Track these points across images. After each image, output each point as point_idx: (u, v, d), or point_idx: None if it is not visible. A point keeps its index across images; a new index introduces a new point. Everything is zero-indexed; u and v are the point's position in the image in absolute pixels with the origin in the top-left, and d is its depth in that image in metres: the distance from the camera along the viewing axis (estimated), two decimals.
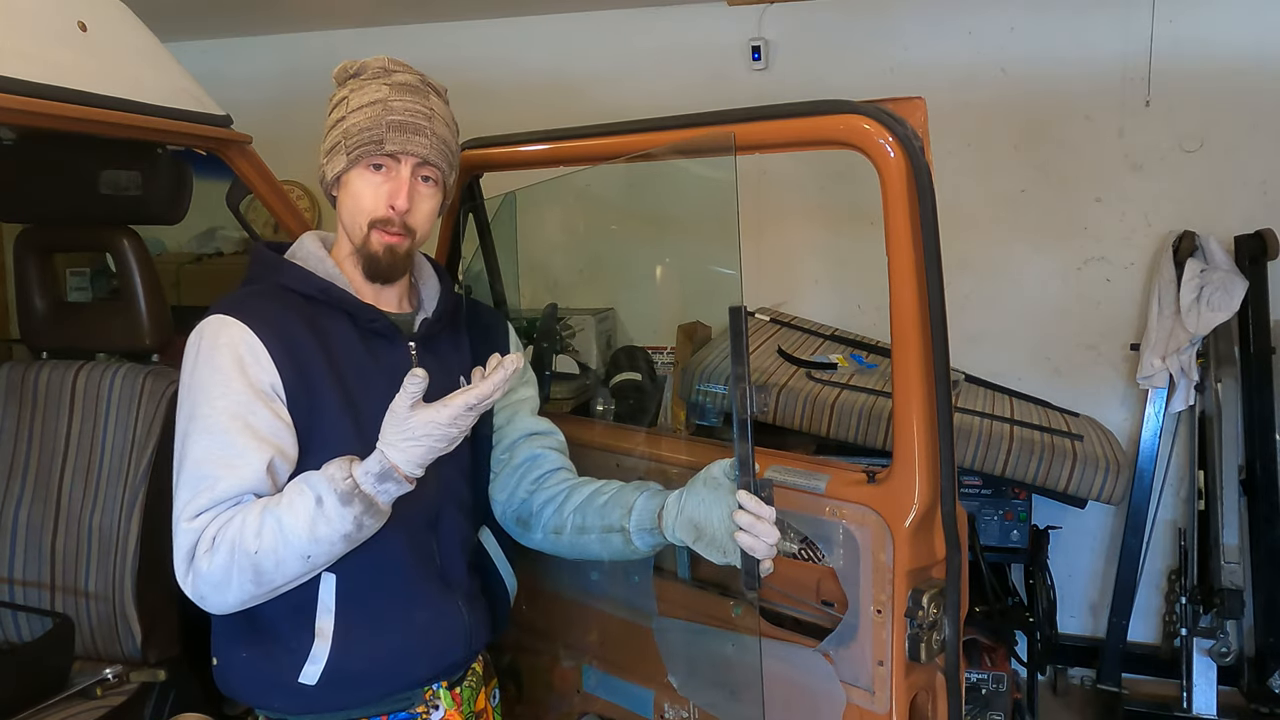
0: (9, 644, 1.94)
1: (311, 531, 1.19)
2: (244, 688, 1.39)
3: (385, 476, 1.21)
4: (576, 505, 1.48)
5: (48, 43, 1.60)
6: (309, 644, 1.32)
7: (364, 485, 1.20)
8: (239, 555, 1.19)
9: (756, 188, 3.55)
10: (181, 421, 1.28)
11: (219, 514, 1.22)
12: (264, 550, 1.19)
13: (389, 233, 1.35)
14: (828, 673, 1.50)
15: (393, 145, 1.33)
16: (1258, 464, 2.91)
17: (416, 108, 1.36)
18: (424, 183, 1.38)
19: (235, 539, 1.20)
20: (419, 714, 1.41)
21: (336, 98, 1.40)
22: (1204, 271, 2.97)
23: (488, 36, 3.79)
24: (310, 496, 1.20)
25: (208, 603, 1.24)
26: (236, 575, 1.20)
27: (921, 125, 1.36)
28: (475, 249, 2.07)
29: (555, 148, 1.77)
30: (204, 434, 1.25)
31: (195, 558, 1.21)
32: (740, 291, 1.29)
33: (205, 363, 1.28)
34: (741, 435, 1.27)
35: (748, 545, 1.27)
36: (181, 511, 1.23)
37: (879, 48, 3.41)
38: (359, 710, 1.37)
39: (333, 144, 1.37)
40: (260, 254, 1.44)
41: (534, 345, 2.35)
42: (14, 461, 1.99)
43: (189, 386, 1.29)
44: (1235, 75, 3.10)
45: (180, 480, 1.25)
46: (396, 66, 1.40)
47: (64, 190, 2.00)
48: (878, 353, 3.18)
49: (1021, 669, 2.92)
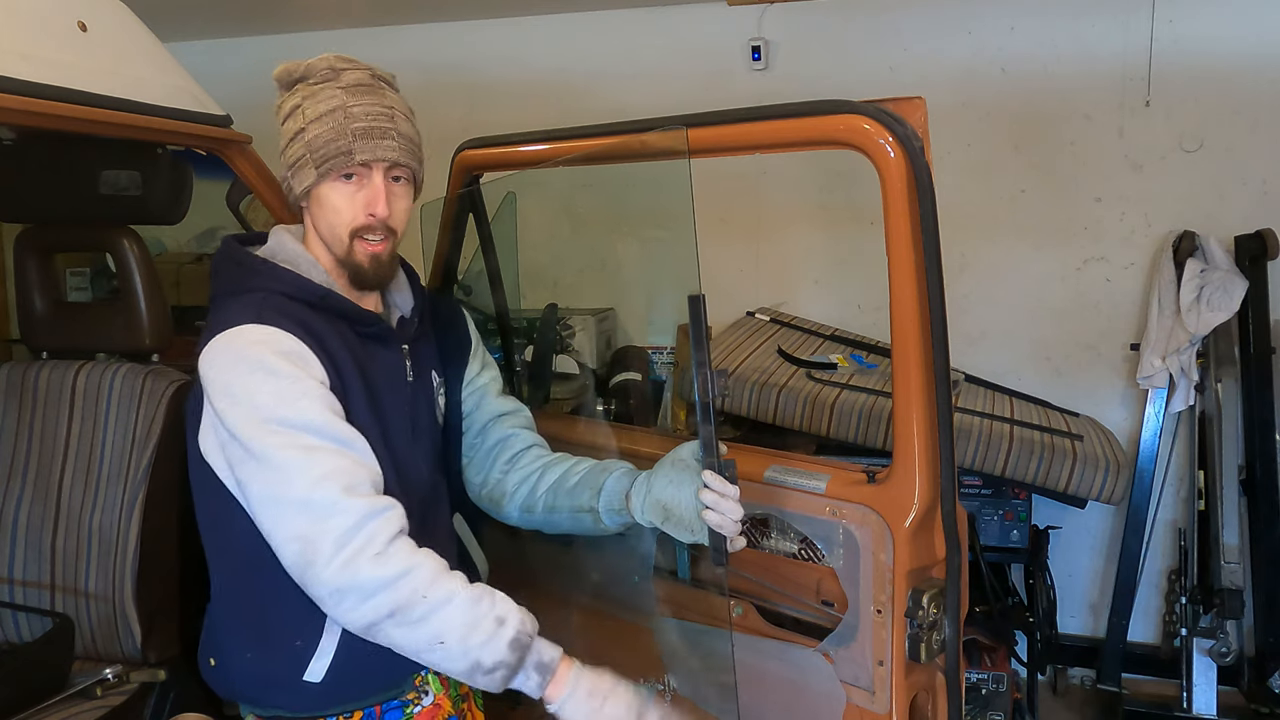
0: (9, 644, 1.94)
1: (469, 630, 1.18)
2: (246, 687, 1.39)
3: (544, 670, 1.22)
4: (549, 485, 1.53)
5: (48, 43, 1.60)
6: (317, 641, 1.32)
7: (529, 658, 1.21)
8: (405, 585, 1.16)
9: (756, 188, 3.56)
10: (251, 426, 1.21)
11: (382, 514, 1.19)
12: (429, 600, 1.17)
13: (372, 241, 1.36)
14: (828, 673, 1.50)
15: (362, 155, 1.31)
16: (1258, 464, 2.91)
17: (377, 109, 1.34)
18: (396, 183, 1.37)
19: (413, 569, 1.17)
20: (410, 700, 1.42)
21: (288, 105, 1.37)
22: (1204, 271, 2.97)
23: (488, 36, 3.79)
24: (495, 613, 1.20)
25: (341, 603, 1.18)
26: (386, 598, 1.16)
27: (921, 125, 1.36)
28: (475, 249, 2.07)
29: (555, 148, 1.77)
30: (299, 429, 1.20)
31: (361, 554, 1.16)
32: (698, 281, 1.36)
33: (255, 368, 1.23)
34: (705, 419, 1.32)
35: (715, 523, 1.32)
36: (313, 494, 1.17)
37: (879, 48, 3.41)
38: (354, 704, 1.38)
39: (296, 157, 1.34)
40: (248, 260, 1.39)
41: (534, 345, 2.35)
42: (14, 461, 1.98)
43: (241, 395, 1.22)
44: (1235, 75, 3.10)
45: (289, 472, 1.18)
46: (343, 64, 1.37)
47: (64, 190, 2.00)
48: (878, 353, 3.18)
49: (1021, 669, 2.92)
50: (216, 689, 1.43)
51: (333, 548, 1.16)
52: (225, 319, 1.28)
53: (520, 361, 2.23)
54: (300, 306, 1.32)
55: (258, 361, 1.24)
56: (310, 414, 1.22)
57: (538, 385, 2.28)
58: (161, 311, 2.00)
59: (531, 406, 2.19)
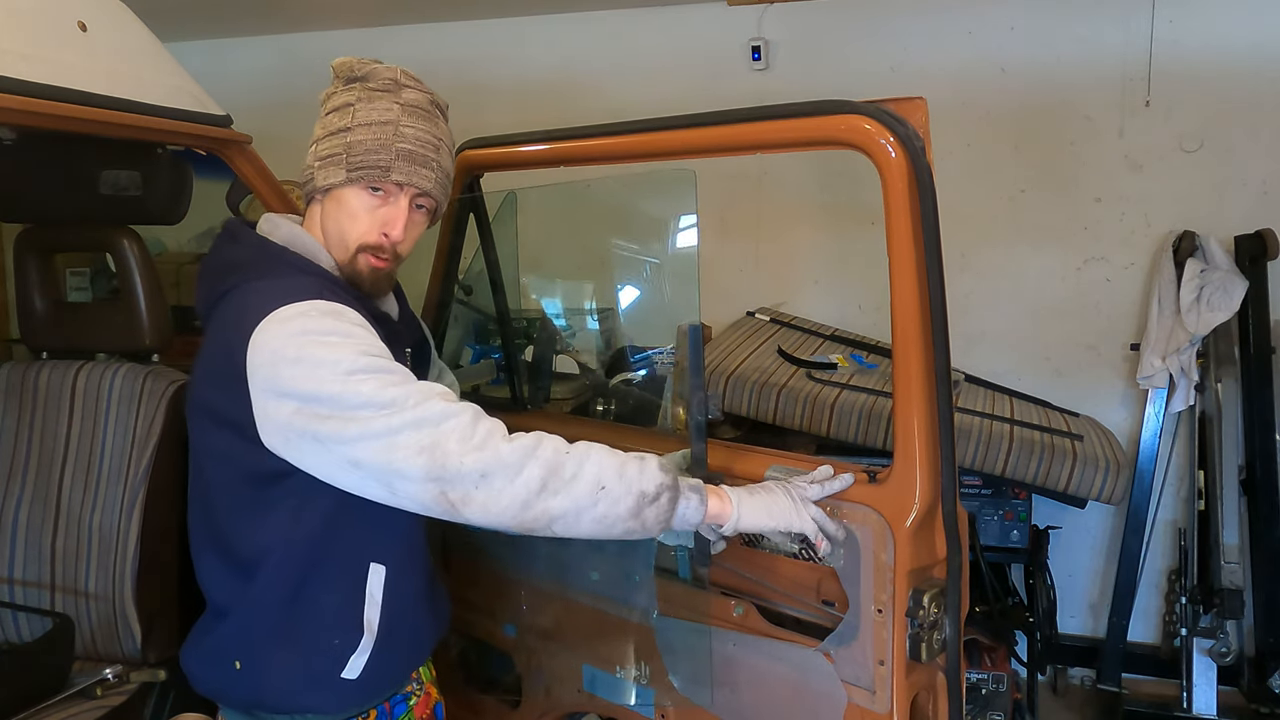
0: (9, 644, 1.94)
1: (621, 468, 1.19)
2: (280, 690, 1.35)
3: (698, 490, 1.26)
4: None
5: (48, 43, 1.60)
6: (358, 639, 1.33)
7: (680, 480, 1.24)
8: (546, 447, 1.16)
9: (756, 188, 3.56)
10: (335, 380, 1.15)
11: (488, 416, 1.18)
12: (573, 454, 1.17)
13: (378, 258, 1.36)
14: (828, 672, 1.50)
15: (399, 176, 1.32)
16: (1258, 464, 2.91)
17: (426, 137, 1.35)
18: (417, 210, 1.38)
19: (542, 437, 1.17)
20: (410, 692, 1.44)
21: (338, 102, 1.36)
22: (1204, 271, 2.97)
23: (488, 36, 3.79)
24: (629, 453, 1.21)
25: (490, 487, 1.14)
26: (534, 465, 1.14)
27: (922, 125, 1.36)
28: (475, 249, 2.07)
29: (555, 148, 1.77)
30: (385, 371, 1.17)
31: (492, 435, 1.15)
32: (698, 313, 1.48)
33: (329, 331, 1.19)
34: (698, 436, 1.43)
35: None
36: (422, 406, 1.14)
37: (879, 48, 3.41)
38: (373, 701, 1.39)
39: (331, 153, 1.33)
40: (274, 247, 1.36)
41: (534, 345, 2.35)
42: (14, 461, 1.98)
43: (320, 356, 1.16)
44: (1235, 75, 3.10)
45: (382, 407, 1.14)
46: (408, 81, 1.37)
47: (64, 190, 2.00)
48: (878, 353, 3.18)
49: (1021, 669, 2.92)
50: (241, 693, 1.38)
51: (461, 442, 1.13)
52: (273, 299, 1.22)
53: (520, 361, 2.23)
54: (341, 291, 1.31)
55: (330, 326, 1.20)
56: (389, 364, 1.20)
57: (538, 385, 2.28)
58: (161, 311, 2.00)
59: (532, 406, 2.20)
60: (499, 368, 2.29)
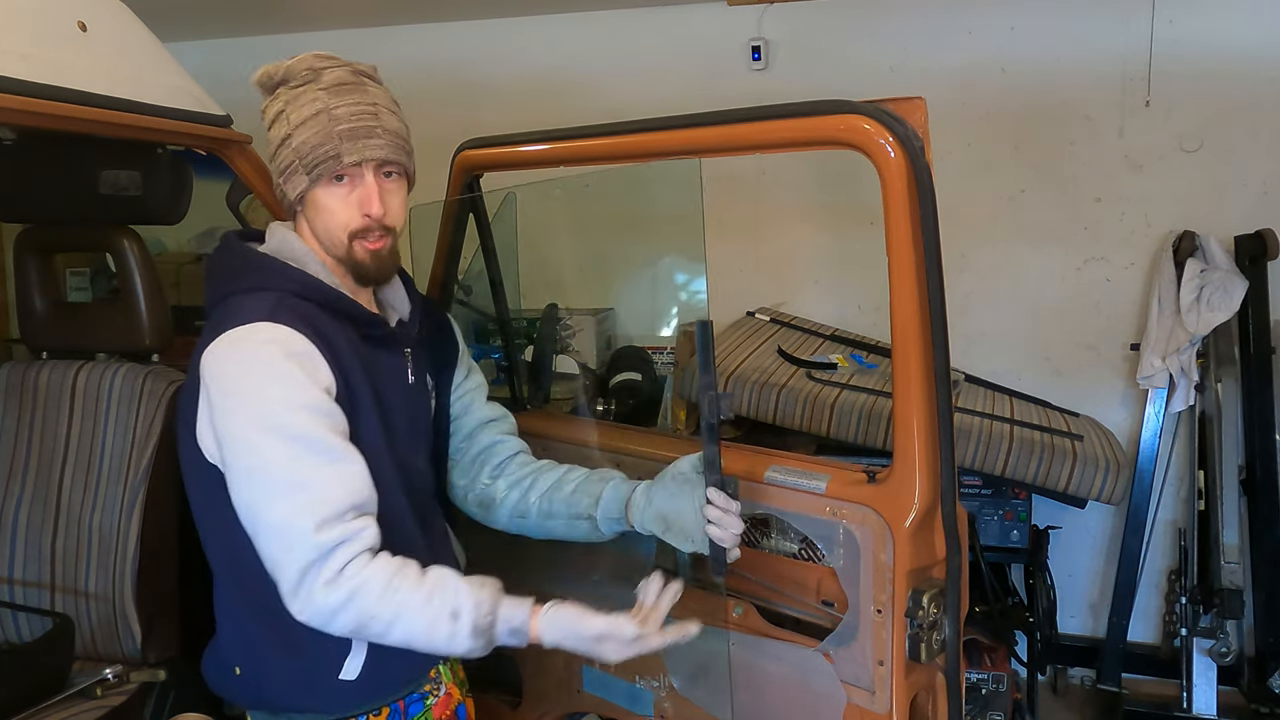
0: (9, 644, 1.94)
1: (429, 631, 1.23)
2: (280, 693, 1.37)
3: (518, 634, 1.26)
4: (542, 492, 1.56)
5: (48, 43, 1.60)
6: (349, 640, 1.32)
7: (498, 632, 1.25)
8: (354, 606, 1.21)
9: (756, 188, 3.56)
10: (249, 431, 1.21)
11: (348, 541, 1.21)
12: (378, 618, 1.22)
13: (371, 240, 1.35)
14: (828, 673, 1.50)
15: (350, 156, 1.31)
16: (1258, 464, 2.91)
17: (360, 108, 1.33)
18: (388, 179, 1.37)
19: (359, 589, 1.20)
20: (428, 692, 1.44)
21: (272, 111, 1.36)
22: (1204, 271, 2.97)
23: (488, 36, 3.78)
24: (448, 608, 1.23)
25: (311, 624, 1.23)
26: (344, 619, 1.21)
27: (922, 125, 1.36)
28: (475, 249, 2.07)
29: (555, 148, 1.77)
30: (293, 441, 1.21)
31: (315, 582, 1.19)
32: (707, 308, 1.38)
33: (262, 368, 1.23)
34: (710, 438, 1.38)
35: (716, 537, 1.40)
36: (291, 523, 1.19)
37: (879, 48, 3.41)
38: (384, 699, 1.39)
39: (287, 164, 1.34)
40: (255, 256, 1.38)
41: (534, 345, 2.35)
42: (14, 461, 1.98)
43: (245, 396, 1.22)
44: (1235, 75, 3.09)
45: (273, 489, 1.20)
46: (322, 63, 1.35)
47: (64, 190, 2.00)
48: (878, 353, 3.18)
49: (1021, 669, 2.92)
50: (243, 698, 1.41)
51: (296, 577, 1.20)
52: (234, 316, 1.27)
53: (520, 361, 2.23)
54: (311, 307, 1.31)
55: (266, 362, 1.23)
56: (308, 427, 1.22)
57: (538, 385, 2.28)
58: (161, 311, 2.00)
59: (531, 406, 2.20)
60: (499, 368, 2.29)
